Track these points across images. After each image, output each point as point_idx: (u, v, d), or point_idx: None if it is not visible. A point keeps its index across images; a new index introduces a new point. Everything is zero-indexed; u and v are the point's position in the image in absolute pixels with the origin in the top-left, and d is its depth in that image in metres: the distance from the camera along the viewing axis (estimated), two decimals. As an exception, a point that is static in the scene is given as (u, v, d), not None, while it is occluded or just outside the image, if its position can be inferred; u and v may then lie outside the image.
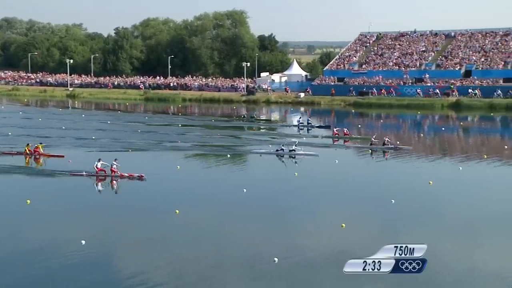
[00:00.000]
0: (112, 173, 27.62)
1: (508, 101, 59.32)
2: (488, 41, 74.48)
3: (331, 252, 17.57)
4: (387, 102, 65.30)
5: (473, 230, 19.77)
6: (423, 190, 25.41)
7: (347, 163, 32.81)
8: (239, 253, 17.62)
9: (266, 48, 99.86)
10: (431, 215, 21.53)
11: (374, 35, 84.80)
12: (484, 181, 27.95)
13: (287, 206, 23.09)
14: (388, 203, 22.66)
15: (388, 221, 21.05)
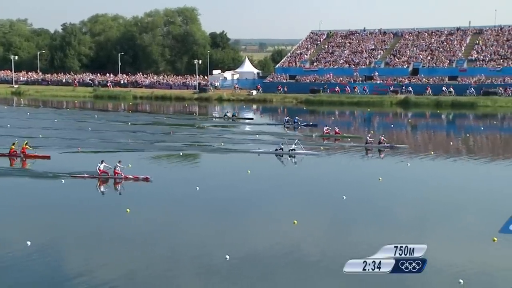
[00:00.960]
0: (115, 175, 26.89)
1: (454, 99, 61.23)
2: (434, 40, 76.64)
3: (282, 248, 17.72)
4: (338, 99, 66.27)
5: (420, 224, 20.30)
6: (373, 186, 25.96)
7: (325, 162, 32.66)
8: (190, 251, 17.53)
9: (218, 46, 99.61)
10: (380, 210, 22.01)
11: (324, 33, 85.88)
12: (431, 177, 28.74)
13: (241, 204, 23.15)
14: (340, 200, 23.03)
15: (338, 216, 21.41)
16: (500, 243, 17.07)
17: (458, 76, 66.77)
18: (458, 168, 30.58)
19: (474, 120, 54.52)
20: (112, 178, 26.91)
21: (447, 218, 20.88)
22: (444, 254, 16.67)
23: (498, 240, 17.14)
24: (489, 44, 72.13)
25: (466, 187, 26.17)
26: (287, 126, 47.26)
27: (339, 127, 41.83)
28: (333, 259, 16.51)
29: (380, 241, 18.05)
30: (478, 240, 17.79)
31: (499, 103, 59.00)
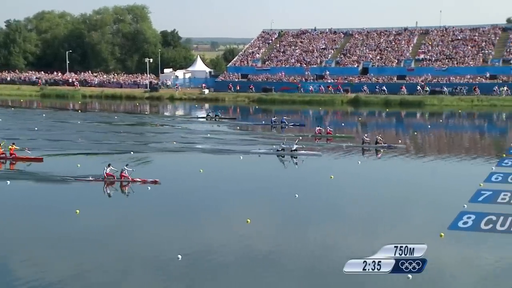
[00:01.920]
0: (122, 178, 26.18)
1: (402, 98, 62.72)
2: (382, 39, 78.29)
3: (235, 247, 17.83)
4: (289, 98, 66.86)
5: (369, 221, 20.70)
6: (325, 184, 26.31)
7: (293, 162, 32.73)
8: (142, 252, 17.41)
9: (169, 44, 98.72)
10: (331, 207, 22.36)
11: (276, 32, 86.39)
12: (381, 174, 29.35)
13: (194, 203, 23.06)
14: (292, 198, 23.25)
15: (291, 214, 21.61)
16: (447, 239, 17.58)
17: (406, 75, 68.44)
18: (407, 166, 31.33)
19: (421, 118, 56.03)
20: (118, 181, 26.29)
21: (396, 214, 21.36)
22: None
23: (445, 236, 17.64)
24: (435, 44, 74.26)
25: (414, 184, 26.85)
26: (274, 126, 46.85)
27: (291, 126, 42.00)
28: (284, 256, 16.71)
29: (331, 238, 18.53)
30: (426, 236, 18.24)
31: (445, 102, 60.83)
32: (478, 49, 70.45)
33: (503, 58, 67.41)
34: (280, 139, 36.96)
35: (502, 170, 26.79)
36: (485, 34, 73.73)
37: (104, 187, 25.67)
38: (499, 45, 71.00)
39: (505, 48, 69.42)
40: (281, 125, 46.28)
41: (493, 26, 75.53)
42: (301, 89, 68.61)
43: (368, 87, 66.21)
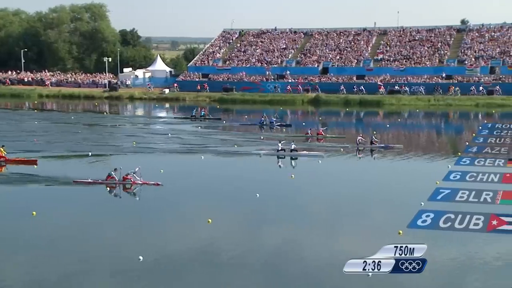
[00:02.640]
0: (124, 180, 25.49)
1: (361, 97, 63.60)
2: (342, 40, 79.18)
3: (196, 247, 17.71)
4: (250, 98, 66.99)
5: (330, 220, 20.90)
6: (285, 183, 26.41)
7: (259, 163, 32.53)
8: (102, 254, 17.14)
9: (128, 43, 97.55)
10: (292, 207, 22.45)
11: (237, 32, 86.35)
12: (343, 173, 29.67)
13: (155, 204, 22.82)
14: (254, 197, 23.27)
15: (252, 214, 21.63)
16: (405, 236, 17.86)
17: (366, 75, 69.43)
18: (366, 165, 31.75)
19: (380, 117, 56.91)
20: (120, 184, 25.67)
21: (355, 213, 21.59)
22: (352, 248, 17.28)
23: (404, 233, 17.94)
24: (393, 44, 75.56)
25: (374, 182, 27.20)
26: (263, 126, 46.42)
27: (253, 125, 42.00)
28: (246, 256, 16.72)
29: (293, 237, 18.60)
30: (385, 235, 18.50)
31: (403, 101, 61.94)
32: (434, 50, 72.04)
33: (458, 59, 69.14)
34: (269, 140, 37.00)
35: (459, 168, 27.51)
36: (440, 35, 75.46)
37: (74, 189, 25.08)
38: (454, 46, 72.77)
39: (459, 49, 71.18)
40: (270, 125, 46.02)
41: (448, 27, 77.39)
42: (276, 87, 68.68)
43: (365, 87, 66.20)
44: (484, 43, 71.23)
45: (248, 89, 69.61)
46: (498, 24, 76.35)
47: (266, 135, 41.98)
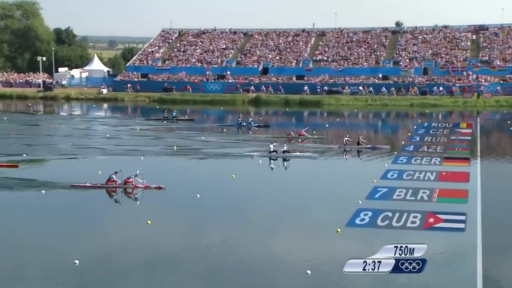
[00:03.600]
0: (125, 184, 24.36)
1: (301, 97, 64.28)
2: (281, 40, 79.79)
3: (135, 249, 17.40)
4: (191, 98, 66.50)
5: (269, 221, 20.87)
6: (226, 184, 26.24)
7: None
8: (37, 258, 16.59)
9: (64, 42, 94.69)
10: (233, 208, 22.33)
11: (176, 31, 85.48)
12: (280, 174, 29.78)
13: (93, 206, 22.17)
14: (195, 198, 23.00)
15: (192, 215, 21.37)
16: (343, 234, 18.08)
17: (305, 75, 70.23)
18: (307, 164, 31.96)
19: (319, 117, 57.70)
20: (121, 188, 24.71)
21: (297, 214, 21.70)
22: (291, 247, 17.34)
23: (342, 232, 18.15)
24: (331, 45, 76.82)
25: (313, 182, 27.44)
26: (240, 127, 45.61)
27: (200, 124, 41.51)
28: (185, 256, 16.48)
29: (231, 239, 18.45)
30: (324, 233, 18.67)
31: (342, 101, 63.07)
32: (371, 51, 73.76)
33: (393, 60, 71.08)
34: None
35: (396, 167, 28.22)
36: (376, 36, 77.35)
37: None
38: (389, 47, 74.77)
39: (395, 50, 73.22)
40: (247, 126, 45.43)
41: (383, 29, 79.44)
42: (232, 87, 68.32)
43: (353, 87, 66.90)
44: (418, 45, 73.57)
45: (192, 88, 69.01)
46: (430, 26, 79.10)
47: (253, 137, 41.35)
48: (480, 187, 23.50)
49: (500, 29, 74.14)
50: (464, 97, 61.36)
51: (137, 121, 50.49)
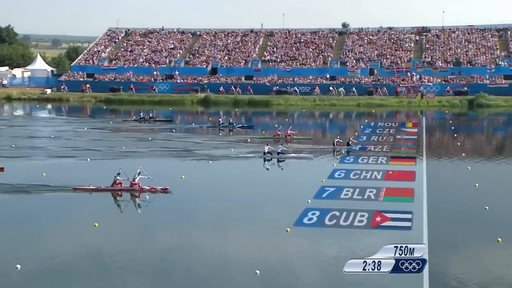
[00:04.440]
0: (131, 186, 23.41)
1: (250, 97, 64.31)
2: (230, 40, 79.63)
3: (82, 253, 16.91)
4: (139, 98, 65.53)
5: (218, 221, 20.62)
6: (176, 184, 25.79)
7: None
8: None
9: (4, 41, 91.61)
10: (183, 208, 21.97)
11: (123, 31, 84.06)
12: (231, 174, 29.54)
13: (37, 209, 21.35)
14: (144, 200, 22.54)
15: (140, 216, 20.90)
16: (292, 234, 18.04)
17: (254, 76, 70.31)
18: (256, 165, 31.84)
19: (269, 117, 57.80)
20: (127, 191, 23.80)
21: (246, 214, 21.55)
22: (240, 248, 17.16)
23: (291, 231, 18.10)
24: (279, 46, 77.21)
25: (262, 182, 27.38)
26: (222, 128, 44.64)
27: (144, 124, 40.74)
28: (132, 257, 16.22)
29: (177, 240, 18.09)
30: (273, 233, 18.56)
31: (290, 101, 63.48)
32: (318, 51, 74.57)
33: (341, 61, 72.09)
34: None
35: (344, 166, 28.50)
36: (324, 37, 78.29)
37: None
38: (336, 48, 75.84)
39: (341, 51, 74.29)
40: (229, 127, 44.62)
41: (330, 29, 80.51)
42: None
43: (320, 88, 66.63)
44: (364, 46, 74.89)
45: (136, 89, 67.96)
46: (375, 28, 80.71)
47: (242, 138, 40.25)
48: (426, 186, 23.96)
49: (441, 31, 76.42)
50: (409, 97, 62.88)
51: (111, 122, 49.27)
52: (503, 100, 59.61)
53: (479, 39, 73.13)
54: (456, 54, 70.32)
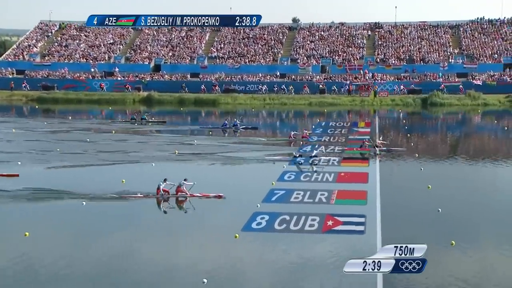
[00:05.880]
0: (177, 194, 23.09)
1: (196, 96, 64.04)
2: (174, 36, 79.03)
3: (11, 260, 16.60)
4: (75, 97, 64.26)
5: (164, 225, 20.44)
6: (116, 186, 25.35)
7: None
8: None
9: None
10: (123, 213, 21.66)
11: (56, 24, 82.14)
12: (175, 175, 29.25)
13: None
14: (80, 205, 22.03)
15: (76, 224, 20.44)
16: (240, 240, 18.03)
17: (200, 73, 70.05)
18: (200, 167, 31.62)
19: (215, 117, 57.65)
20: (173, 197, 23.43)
21: (195, 219, 21.42)
22: (187, 255, 17.01)
23: (240, 237, 18.08)
24: (226, 42, 77.17)
25: (210, 185, 27.18)
26: (226, 130, 43.69)
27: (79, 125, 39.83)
28: (69, 265, 16.03)
29: (122, 247, 17.76)
30: (222, 239, 18.51)
31: (239, 100, 63.56)
32: (268, 48, 74.97)
33: (291, 57, 72.72)
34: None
35: (294, 168, 28.71)
36: (273, 32, 78.78)
37: None
38: (287, 44, 76.49)
39: (292, 47, 74.97)
40: (233, 128, 43.79)
41: (280, 25, 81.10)
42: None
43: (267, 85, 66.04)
44: (315, 42, 75.82)
45: (72, 87, 66.46)
46: (327, 23, 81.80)
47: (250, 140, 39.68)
48: (379, 188, 24.39)
49: (394, 27, 78.27)
50: (362, 95, 64.04)
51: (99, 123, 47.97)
52: (456, 98, 61.57)
53: (431, 36, 75.31)
54: (409, 51, 72.17)
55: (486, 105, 60.69)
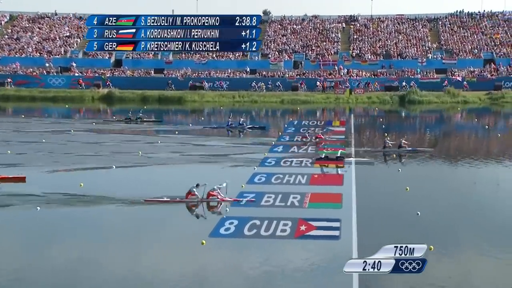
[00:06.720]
0: (209, 197, 22.35)
1: (160, 93, 63.65)
2: (137, 28, 78.29)
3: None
4: (28, 94, 63.23)
5: (130, 235, 20.23)
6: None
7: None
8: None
9: None
10: (93, 217, 21.39)
11: (6, 15, 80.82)
12: (139, 178, 29.07)
13: None
14: (35, 211, 21.69)
15: (32, 231, 20.13)
16: (208, 246, 17.97)
17: (165, 68, 69.64)
18: (170, 169, 31.46)
19: (181, 116, 57.44)
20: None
21: (158, 224, 21.27)
22: (152, 263, 16.89)
23: (207, 243, 18.01)
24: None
25: (175, 189, 27.02)
26: (230, 129, 43.26)
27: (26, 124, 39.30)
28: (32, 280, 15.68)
29: (89, 256, 17.51)
30: (188, 246, 18.43)
31: (206, 98, 63.41)
32: (237, 42, 74.79)
33: (262, 52, 72.81)
34: None
35: (265, 170, 28.64)
36: (243, 26, 78.62)
37: None
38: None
39: (262, 42, 74.96)
40: (238, 128, 43.42)
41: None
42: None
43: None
44: (287, 36, 76.04)
45: (24, 83, 65.42)
46: (299, 16, 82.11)
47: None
48: (355, 190, 24.50)
49: (370, 20, 79.03)
50: (336, 93, 64.44)
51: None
52: (435, 96, 62.44)
53: (409, 30, 76.26)
54: (386, 46, 72.91)
55: (466, 103, 61.72)
